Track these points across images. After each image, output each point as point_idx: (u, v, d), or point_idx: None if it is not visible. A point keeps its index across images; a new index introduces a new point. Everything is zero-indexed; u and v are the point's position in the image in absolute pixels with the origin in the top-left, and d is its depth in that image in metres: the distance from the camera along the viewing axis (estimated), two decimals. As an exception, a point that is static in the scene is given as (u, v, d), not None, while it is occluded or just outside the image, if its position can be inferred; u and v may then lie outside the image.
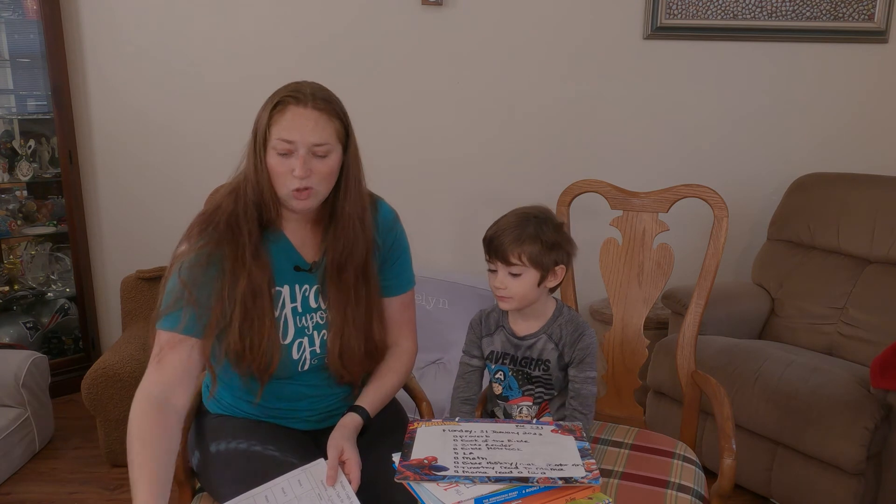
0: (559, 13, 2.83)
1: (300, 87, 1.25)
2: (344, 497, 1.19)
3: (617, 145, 2.94)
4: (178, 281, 1.24)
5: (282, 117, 1.22)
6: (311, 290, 1.35)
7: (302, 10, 2.83)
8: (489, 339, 1.48)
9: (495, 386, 1.48)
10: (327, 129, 1.24)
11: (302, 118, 1.22)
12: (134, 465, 1.13)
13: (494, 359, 1.47)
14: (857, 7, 2.75)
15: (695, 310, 1.68)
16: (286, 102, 1.22)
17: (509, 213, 1.40)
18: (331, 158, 1.26)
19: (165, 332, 1.24)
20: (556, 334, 1.43)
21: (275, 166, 1.24)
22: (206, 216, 1.29)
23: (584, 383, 1.40)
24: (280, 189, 1.26)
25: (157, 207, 2.97)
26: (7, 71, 2.86)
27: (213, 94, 2.89)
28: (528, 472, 1.07)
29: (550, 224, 1.38)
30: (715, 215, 1.64)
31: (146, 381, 1.23)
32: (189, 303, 1.22)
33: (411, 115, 2.93)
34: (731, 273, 3.02)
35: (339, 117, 1.27)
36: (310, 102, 1.23)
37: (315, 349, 1.35)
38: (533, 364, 1.43)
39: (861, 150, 2.90)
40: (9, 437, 2.34)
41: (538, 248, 1.34)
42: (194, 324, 1.23)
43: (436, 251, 3.01)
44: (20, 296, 2.90)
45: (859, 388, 2.00)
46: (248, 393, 1.35)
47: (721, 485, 1.40)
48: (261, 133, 1.25)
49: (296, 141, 1.22)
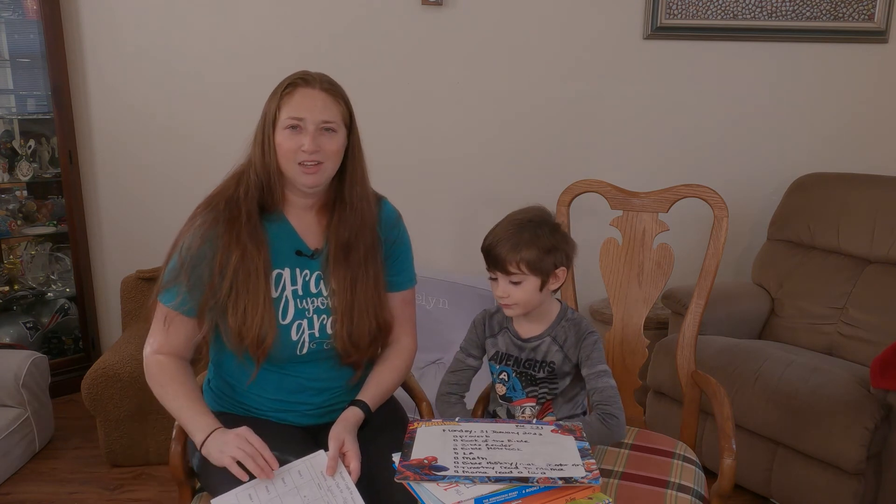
0: (559, 13, 2.83)
1: (307, 72, 1.34)
2: (343, 487, 1.21)
3: (617, 145, 2.94)
4: (177, 260, 1.32)
5: (291, 98, 1.30)
6: (312, 276, 1.39)
7: (302, 9, 2.83)
8: (493, 341, 1.48)
9: (499, 387, 1.48)
10: (334, 109, 1.31)
11: (310, 97, 1.30)
12: (180, 398, 1.30)
13: (498, 359, 1.47)
14: (857, 7, 2.75)
15: (695, 310, 1.68)
16: (295, 84, 1.31)
17: (504, 220, 1.39)
18: (338, 137, 1.33)
19: (164, 308, 1.34)
20: (560, 336, 1.42)
21: (283, 142, 1.30)
22: (209, 198, 1.36)
23: (598, 378, 1.38)
24: (288, 166, 1.31)
25: (157, 207, 2.97)
26: (7, 71, 2.86)
27: (213, 94, 2.89)
28: (528, 472, 1.07)
29: (546, 227, 1.37)
30: (715, 215, 1.64)
31: (154, 343, 1.36)
32: (184, 281, 1.31)
33: (411, 115, 2.93)
34: (731, 273, 3.02)
35: (345, 102, 1.34)
36: (318, 84, 1.31)
37: (314, 332, 1.37)
38: (537, 366, 1.43)
39: (861, 150, 2.90)
40: (9, 437, 2.34)
41: (536, 254, 1.33)
42: (187, 301, 1.32)
43: (436, 251, 3.01)
44: (20, 296, 2.90)
45: (859, 388, 2.00)
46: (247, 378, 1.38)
47: (721, 485, 1.40)
48: (270, 115, 1.31)
49: (305, 118, 1.29)
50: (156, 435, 2.40)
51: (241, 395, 1.41)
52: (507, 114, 2.92)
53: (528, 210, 1.40)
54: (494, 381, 1.49)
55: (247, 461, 1.20)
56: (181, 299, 1.32)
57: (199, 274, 1.31)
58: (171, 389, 1.32)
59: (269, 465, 1.21)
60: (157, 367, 1.35)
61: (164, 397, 1.33)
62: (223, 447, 1.22)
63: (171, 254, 1.34)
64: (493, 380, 1.50)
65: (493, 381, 1.50)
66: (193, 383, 1.35)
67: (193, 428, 1.28)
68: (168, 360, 1.35)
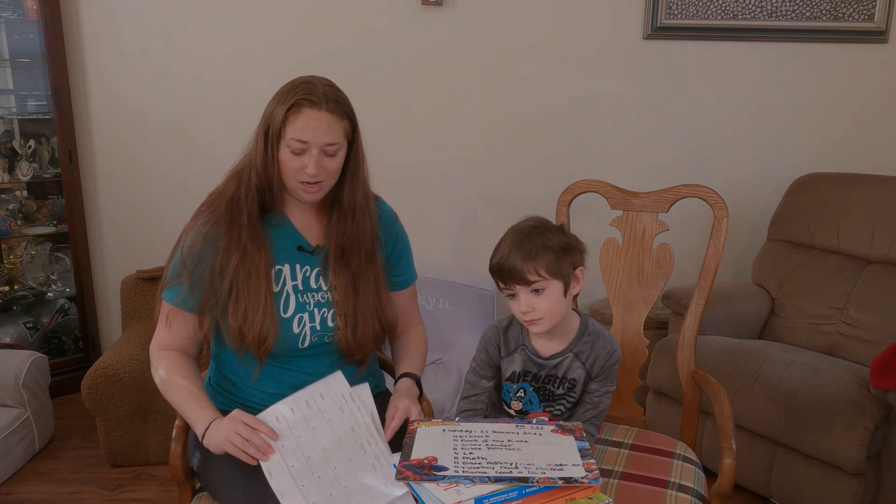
0: (559, 13, 2.83)
1: (313, 87, 1.30)
2: (364, 413, 1.29)
3: (617, 145, 2.94)
4: (179, 258, 1.34)
5: (297, 118, 1.29)
6: (312, 272, 1.40)
7: (301, 10, 2.83)
8: (510, 360, 1.40)
9: (514, 403, 1.41)
10: (338, 130, 1.31)
11: (316, 120, 1.29)
12: (183, 392, 1.33)
13: (515, 379, 1.39)
14: (857, 7, 2.75)
15: (695, 310, 1.68)
16: (301, 104, 1.29)
17: (506, 235, 1.33)
18: (339, 156, 1.34)
19: (168, 305, 1.37)
20: (584, 353, 1.36)
21: (287, 162, 1.31)
22: (210, 198, 1.38)
23: (603, 396, 1.38)
24: (290, 181, 1.33)
25: (157, 207, 2.97)
26: (7, 71, 2.86)
27: (213, 94, 2.89)
28: (528, 472, 1.07)
29: (552, 229, 1.32)
30: (715, 215, 1.64)
31: (160, 340, 1.39)
32: (186, 279, 1.33)
33: (411, 115, 2.93)
34: (731, 273, 3.02)
35: (349, 116, 1.35)
36: (323, 105, 1.29)
37: (315, 325, 1.38)
38: (556, 382, 1.38)
39: (861, 150, 2.90)
40: (9, 437, 2.34)
41: (552, 256, 1.27)
42: (189, 299, 1.34)
43: (436, 251, 3.01)
44: (20, 296, 2.90)
45: (859, 388, 2.00)
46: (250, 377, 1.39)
47: (721, 485, 1.40)
48: (275, 128, 1.31)
49: (309, 141, 1.29)
50: (156, 435, 2.40)
51: (242, 392, 1.42)
52: (506, 114, 2.92)
53: (527, 220, 1.35)
54: (509, 399, 1.42)
55: (240, 455, 1.22)
56: (183, 297, 1.34)
57: (200, 272, 1.33)
58: (174, 383, 1.34)
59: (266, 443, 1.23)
60: (161, 362, 1.37)
61: (168, 392, 1.35)
62: (220, 437, 1.24)
63: (174, 251, 1.36)
64: (507, 398, 1.42)
65: (507, 399, 1.43)
66: (196, 377, 1.37)
67: (194, 420, 1.30)
68: (171, 354, 1.38)
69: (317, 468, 1.22)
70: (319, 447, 1.24)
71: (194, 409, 1.31)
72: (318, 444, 1.25)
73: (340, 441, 1.25)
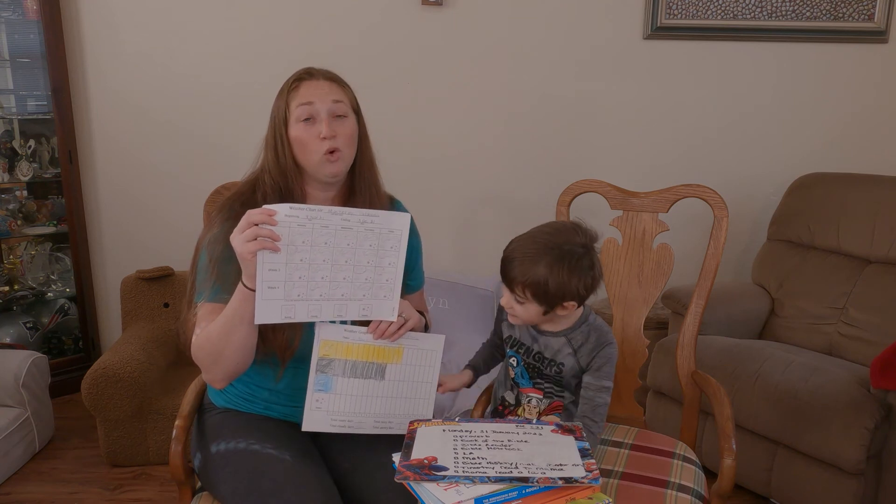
0: (559, 13, 2.83)
1: (310, 67, 1.36)
2: (396, 245, 1.28)
3: (617, 145, 2.94)
4: (206, 258, 1.31)
5: (297, 92, 1.32)
6: None
7: (301, 10, 2.83)
8: (508, 323, 1.44)
9: (509, 370, 1.47)
10: (341, 93, 1.34)
11: (316, 87, 1.32)
12: (216, 321, 1.24)
13: (511, 344, 1.45)
14: (857, 7, 2.75)
15: (695, 310, 1.68)
16: (301, 79, 1.33)
17: (534, 231, 1.32)
18: (350, 120, 1.35)
19: (204, 305, 1.30)
20: (576, 340, 1.38)
21: (299, 135, 1.31)
22: (224, 203, 1.35)
23: (598, 392, 1.35)
24: (309, 159, 1.31)
25: (157, 207, 2.97)
26: (7, 71, 2.86)
27: (212, 94, 2.89)
28: (528, 472, 1.07)
29: (569, 261, 1.27)
30: (715, 215, 1.64)
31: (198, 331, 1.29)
32: (215, 277, 1.29)
33: (411, 115, 2.93)
34: (731, 273, 3.02)
35: (350, 89, 1.38)
36: (321, 76, 1.34)
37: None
38: (546, 363, 1.40)
39: (861, 150, 2.90)
40: (9, 437, 2.34)
41: (543, 287, 1.27)
42: (221, 292, 1.28)
43: (436, 251, 3.01)
44: (20, 296, 2.90)
45: (859, 388, 2.00)
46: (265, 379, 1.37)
47: (721, 485, 1.40)
48: (280, 114, 1.32)
49: (314, 101, 1.30)
50: (156, 435, 2.40)
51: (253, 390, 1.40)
52: (506, 113, 2.92)
53: (560, 231, 1.31)
54: (506, 364, 1.48)
55: (267, 244, 1.17)
56: (215, 290, 1.30)
57: (227, 273, 1.28)
58: (207, 329, 1.27)
59: (272, 231, 1.17)
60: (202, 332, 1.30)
61: (212, 334, 1.25)
62: (240, 247, 1.17)
63: (195, 262, 1.34)
64: (506, 363, 1.49)
65: (505, 364, 1.49)
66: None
67: (236, 303, 1.23)
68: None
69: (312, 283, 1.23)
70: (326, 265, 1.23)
71: (229, 306, 1.23)
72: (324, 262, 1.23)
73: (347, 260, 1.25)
